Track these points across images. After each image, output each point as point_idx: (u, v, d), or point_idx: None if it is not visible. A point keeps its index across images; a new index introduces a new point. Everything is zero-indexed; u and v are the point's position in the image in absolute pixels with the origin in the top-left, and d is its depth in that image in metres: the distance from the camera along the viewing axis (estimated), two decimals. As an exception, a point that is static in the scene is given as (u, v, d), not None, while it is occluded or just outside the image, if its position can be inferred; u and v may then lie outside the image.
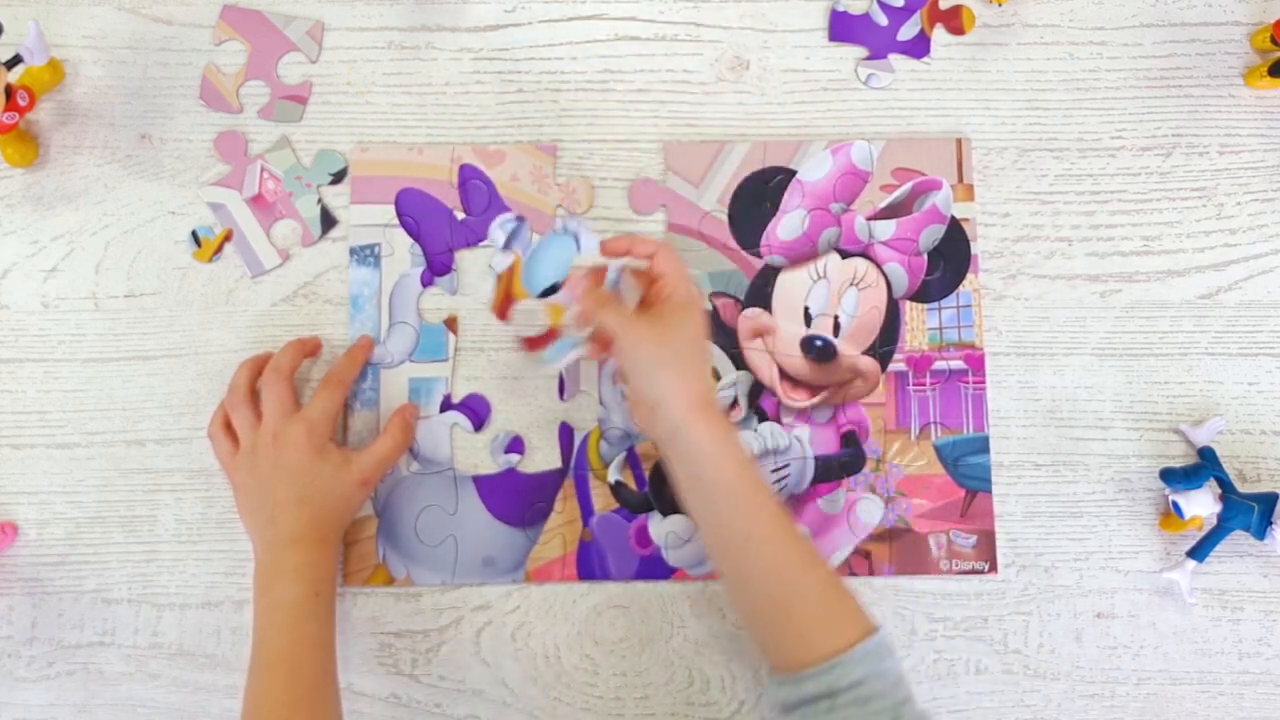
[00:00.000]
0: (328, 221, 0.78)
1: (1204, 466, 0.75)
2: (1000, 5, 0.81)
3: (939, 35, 0.81)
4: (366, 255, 0.77)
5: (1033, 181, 0.80)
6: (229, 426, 0.73)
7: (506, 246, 0.76)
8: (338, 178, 0.78)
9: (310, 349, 0.75)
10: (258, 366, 0.73)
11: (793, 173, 0.79)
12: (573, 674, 0.75)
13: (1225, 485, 0.74)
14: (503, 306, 0.77)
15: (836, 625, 0.64)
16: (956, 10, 0.80)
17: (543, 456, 0.77)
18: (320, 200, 0.78)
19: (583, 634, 0.75)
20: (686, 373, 0.67)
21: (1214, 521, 0.74)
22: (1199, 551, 0.74)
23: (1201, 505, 0.73)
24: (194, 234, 0.77)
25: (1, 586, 0.74)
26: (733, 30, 0.81)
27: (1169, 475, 0.74)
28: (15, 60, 0.73)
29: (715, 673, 0.75)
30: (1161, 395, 0.78)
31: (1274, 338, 0.79)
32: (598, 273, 0.71)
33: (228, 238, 0.78)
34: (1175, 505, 0.73)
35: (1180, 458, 0.78)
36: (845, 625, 0.64)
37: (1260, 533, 0.73)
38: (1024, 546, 0.77)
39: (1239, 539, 0.74)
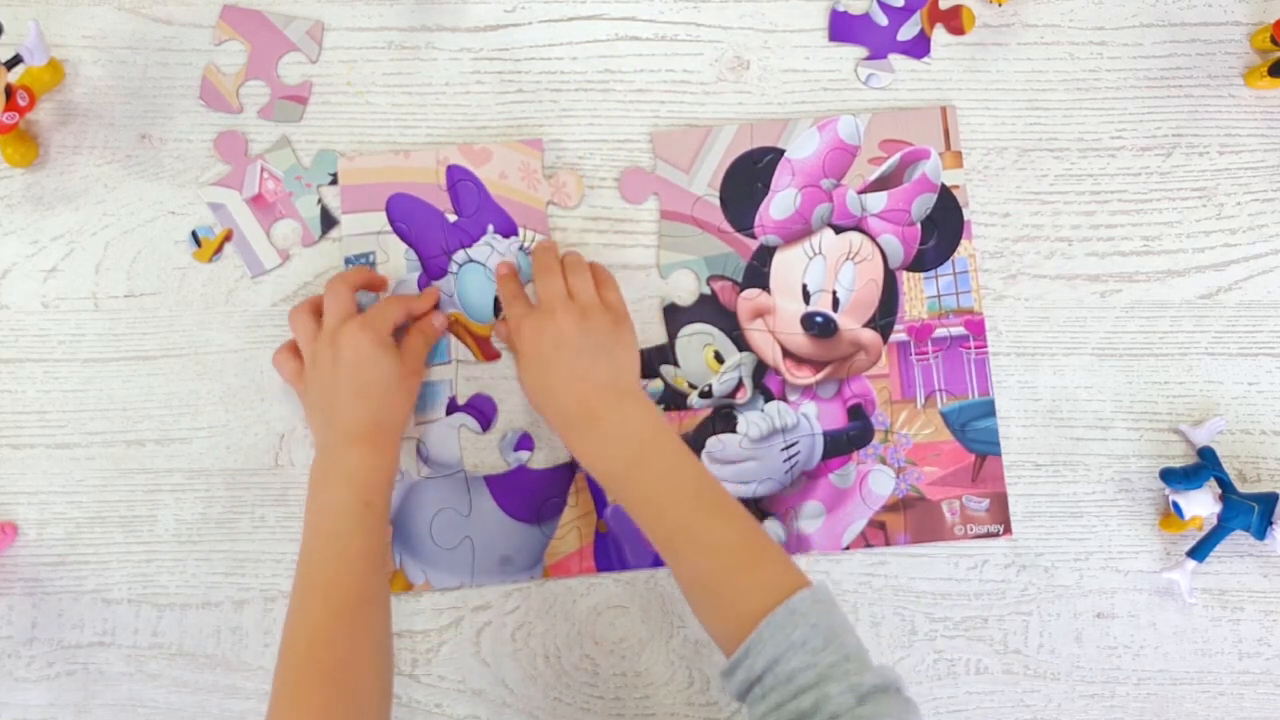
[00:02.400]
0: (328, 221, 0.78)
1: (1204, 466, 0.75)
2: (1000, 5, 0.81)
3: (939, 35, 0.81)
4: (362, 264, 0.77)
5: (1033, 181, 0.80)
6: (295, 351, 0.73)
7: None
8: (337, 178, 0.78)
9: (378, 280, 0.76)
10: (319, 300, 0.74)
11: (781, 152, 0.79)
12: (573, 674, 0.75)
13: (1225, 485, 0.74)
14: (484, 349, 0.77)
15: (752, 594, 0.60)
16: (956, 10, 0.80)
17: (552, 452, 0.77)
18: (320, 200, 0.78)
19: (583, 634, 0.75)
20: (546, 408, 0.71)
21: (1214, 521, 0.74)
22: (1199, 551, 0.74)
23: (1201, 505, 0.73)
24: (194, 234, 0.77)
25: (1, 586, 0.74)
26: (733, 30, 0.81)
27: (1169, 475, 0.74)
28: (15, 60, 0.73)
29: (715, 673, 0.75)
30: (1161, 395, 0.78)
31: (1274, 338, 0.79)
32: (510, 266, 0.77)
33: (228, 238, 0.78)
34: (1175, 505, 0.73)
35: (1180, 458, 0.78)
36: (760, 593, 0.60)
37: (1260, 533, 0.73)
38: (1024, 546, 0.77)
39: (1239, 539, 0.74)
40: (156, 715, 0.74)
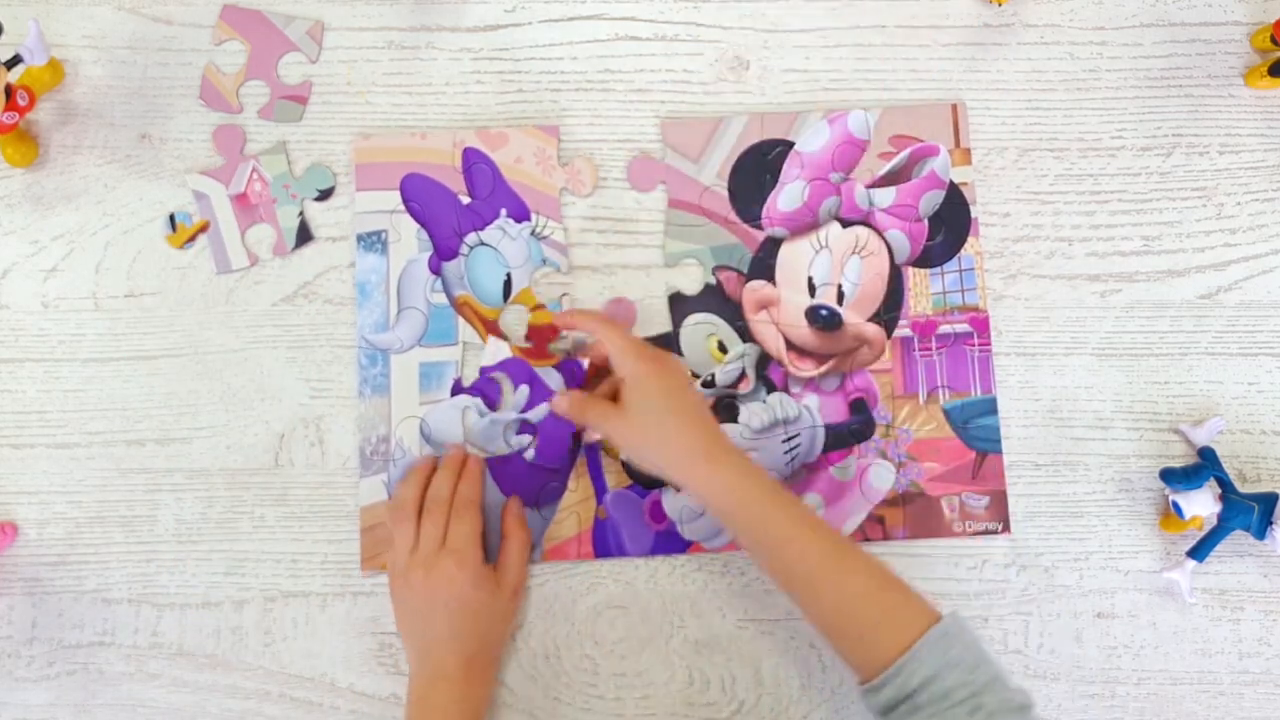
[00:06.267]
0: (304, 235, 0.78)
1: (1204, 466, 0.75)
2: (1000, 5, 0.81)
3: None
4: (374, 242, 0.77)
5: (1033, 181, 0.80)
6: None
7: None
8: (324, 195, 0.78)
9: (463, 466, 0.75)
10: (425, 479, 0.73)
11: (791, 144, 0.79)
12: (573, 674, 0.75)
13: (1225, 485, 0.74)
14: (491, 332, 0.77)
15: (896, 623, 0.63)
16: None
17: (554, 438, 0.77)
18: (302, 213, 0.78)
19: (583, 634, 0.75)
20: (669, 441, 0.69)
21: (1214, 521, 0.74)
22: (1199, 551, 0.74)
23: (1201, 505, 0.73)
24: (171, 217, 0.77)
25: (1, 586, 0.74)
26: (733, 30, 0.81)
27: (1169, 475, 0.74)
28: (15, 60, 0.73)
29: (715, 673, 0.75)
30: (1161, 395, 0.78)
31: (1274, 338, 0.79)
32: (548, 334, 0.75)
33: (204, 228, 0.77)
34: (1175, 505, 0.73)
35: (1180, 458, 0.78)
36: (905, 621, 0.63)
37: (1260, 533, 0.73)
38: (1024, 546, 0.77)
39: (1239, 539, 0.74)
40: (156, 715, 0.74)
